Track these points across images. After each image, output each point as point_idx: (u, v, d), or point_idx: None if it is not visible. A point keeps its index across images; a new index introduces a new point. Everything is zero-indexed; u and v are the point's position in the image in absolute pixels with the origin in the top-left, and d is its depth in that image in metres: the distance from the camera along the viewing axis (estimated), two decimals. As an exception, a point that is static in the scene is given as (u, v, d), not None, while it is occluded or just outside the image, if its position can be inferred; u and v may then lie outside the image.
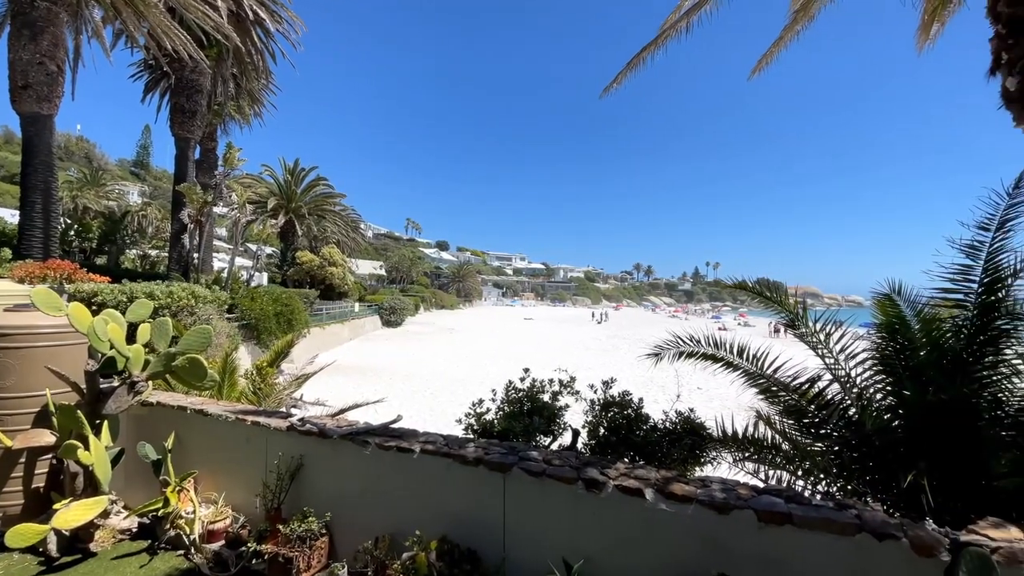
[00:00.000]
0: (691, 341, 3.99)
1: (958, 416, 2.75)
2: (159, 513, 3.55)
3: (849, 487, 3.15)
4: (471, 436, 3.63)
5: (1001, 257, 2.97)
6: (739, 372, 3.79)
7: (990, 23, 3.95)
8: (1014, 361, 2.92)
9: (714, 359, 3.88)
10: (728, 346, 3.86)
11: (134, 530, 3.72)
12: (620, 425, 3.40)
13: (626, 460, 3.22)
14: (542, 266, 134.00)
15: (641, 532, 2.36)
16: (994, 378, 2.93)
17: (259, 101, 25.33)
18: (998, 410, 2.89)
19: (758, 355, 3.74)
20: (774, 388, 3.63)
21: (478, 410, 3.76)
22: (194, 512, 3.48)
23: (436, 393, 15.54)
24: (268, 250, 42.07)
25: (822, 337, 3.53)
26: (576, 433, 3.56)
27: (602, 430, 3.48)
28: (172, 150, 19.53)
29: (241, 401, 5.35)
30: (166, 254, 22.18)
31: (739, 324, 56.32)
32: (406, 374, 18.78)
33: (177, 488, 3.59)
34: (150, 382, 3.96)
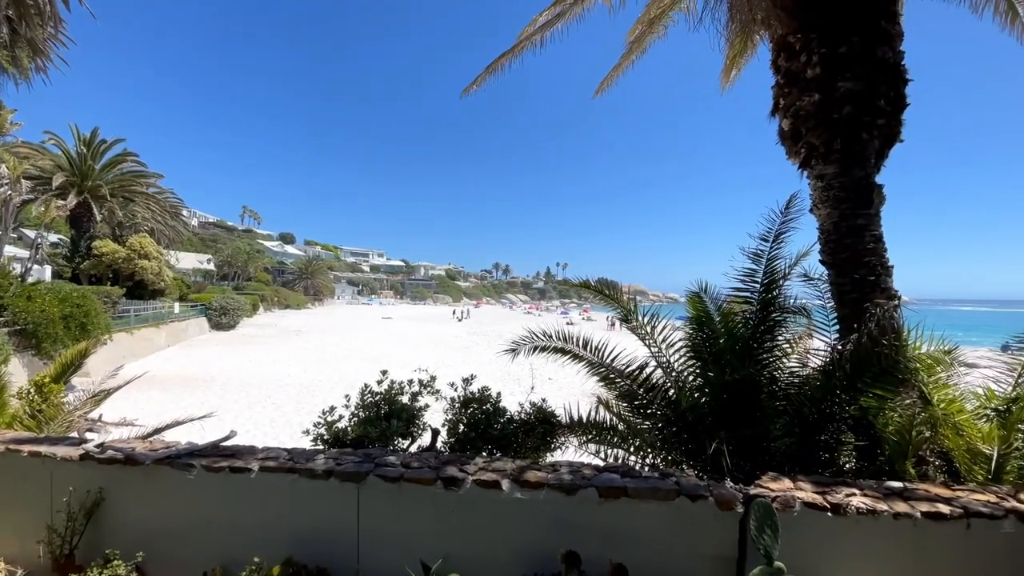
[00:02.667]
0: (543, 336, 4.25)
1: (747, 392, 3.39)
2: None
3: (670, 458, 3.66)
4: (321, 447, 3.37)
5: (776, 263, 3.75)
6: (584, 362, 4.15)
7: (772, 73, 4.95)
8: (784, 346, 3.72)
9: (563, 352, 4.19)
10: (575, 340, 4.20)
11: None
12: (479, 421, 3.48)
13: (484, 454, 3.31)
14: (401, 263, 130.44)
15: (499, 522, 2.44)
16: (771, 360, 3.69)
17: (43, 52, 20.04)
18: (774, 385, 3.64)
19: (599, 347, 4.14)
20: (612, 375, 4.06)
21: (329, 418, 3.51)
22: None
23: (279, 403, 14.09)
24: (53, 238, 33.72)
25: (649, 330, 4.05)
26: (436, 433, 3.54)
27: (462, 427, 3.52)
28: None
29: (14, 427, 4.21)
30: None
31: (583, 319, 61.84)
32: (242, 383, 16.70)
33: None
34: None
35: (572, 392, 4.50)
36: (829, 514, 2.22)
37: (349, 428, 3.44)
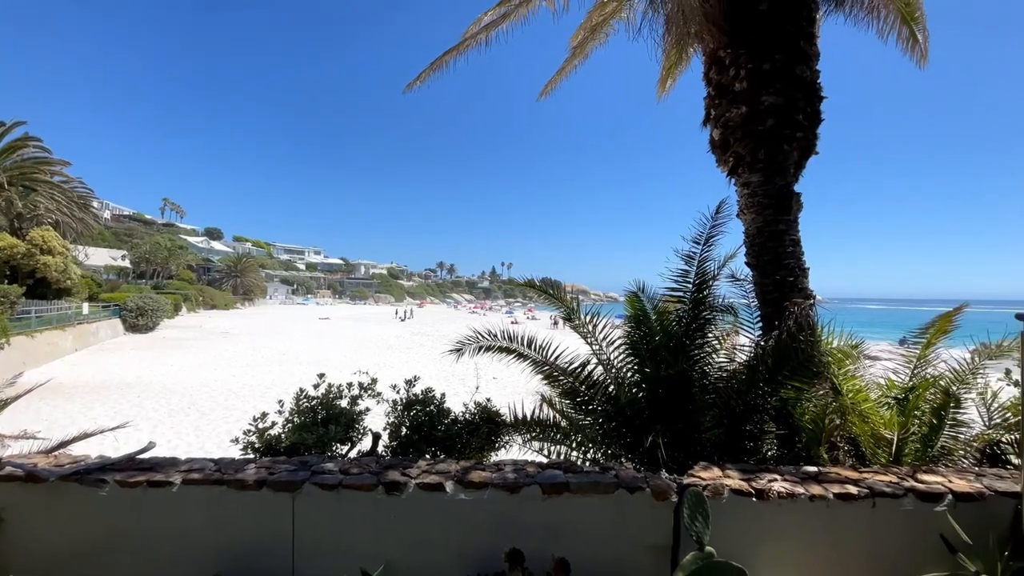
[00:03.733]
0: (488, 336, 4.25)
1: (680, 386, 3.56)
2: None
3: (610, 452, 3.78)
4: (252, 456, 3.18)
5: (707, 264, 3.97)
6: (528, 361, 4.20)
7: (705, 85, 5.24)
8: (713, 342, 3.94)
9: (508, 351, 4.22)
10: (520, 339, 4.23)
11: None
12: (423, 423, 3.42)
13: (428, 456, 3.26)
14: (340, 261, 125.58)
15: (443, 524, 2.41)
16: (702, 356, 3.90)
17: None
18: (705, 380, 3.85)
19: (543, 345, 4.20)
20: (555, 373, 4.13)
21: (260, 425, 3.32)
22: None
23: (205, 410, 13.17)
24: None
25: (590, 328, 4.16)
26: (377, 437, 3.44)
27: (404, 430, 3.45)
28: None
29: None
30: None
31: (528, 318, 62.60)
32: (162, 389, 15.46)
33: None
34: None
35: (517, 391, 4.54)
36: (754, 499, 2.38)
37: (283, 435, 3.28)
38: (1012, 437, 3.42)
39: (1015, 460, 3.30)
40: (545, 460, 3.40)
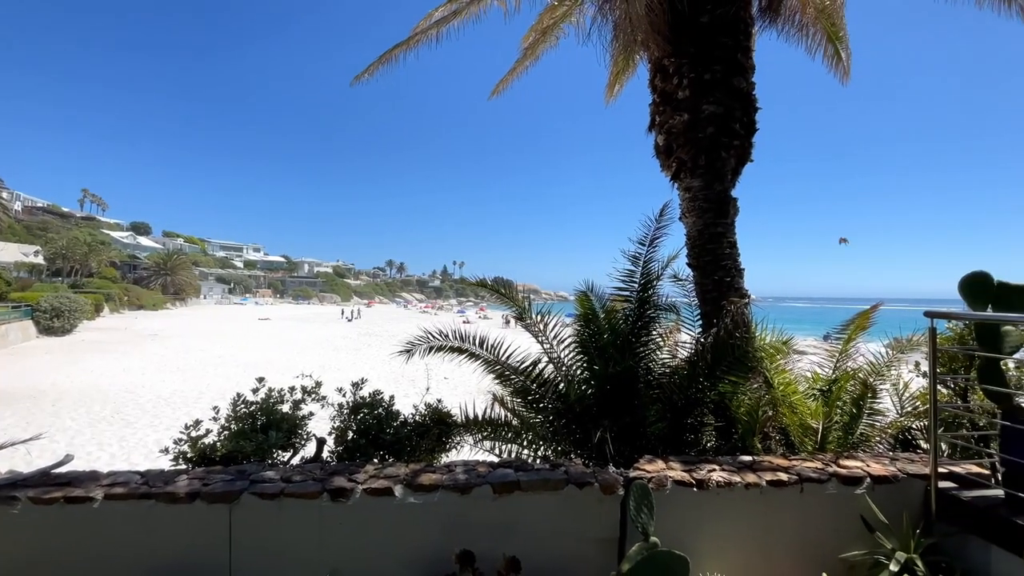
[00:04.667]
0: (440, 336, 4.21)
1: (627, 382, 3.68)
2: None
3: (560, 448, 3.85)
4: (184, 467, 2.99)
5: (652, 265, 4.12)
6: (480, 361, 4.19)
7: (650, 92, 5.42)
8: (658, 340, 4.10)
9: (460, 351, 4.19)
10: (471, 338, 4.22)
11: None
12: (371, 426, 3.33)
13: (376, 461, 3.18)
14: (282, 259, 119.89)
15: (392, 529, 2.36)
16: (647, 353, 4.05)
17: None
18: (649, 376, 3.99)
19: (495, 345, 4.21)
20: (507, 372, 4.15)
21: (193, 433, 3.12)
22: None
23: (131, 419, 12.20)
24: None
25: (542, 327, 4.21)
26: (322, 442, 3.32)
27: (351, 434, 3.34)
28: None
29: None
30: None
31: (480, 317, 62.43)
32: (81, 397, 14.19)
33: None
34: None
35: (468, 391, 4.52)
36: (695, 489, 2.49)
37: (219, 443, 3.09)
38: (922, 424, 3.78)
39: (924, 445, 3.64)
40: (497, 459, 3.40)
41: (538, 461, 3.23)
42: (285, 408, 3.36)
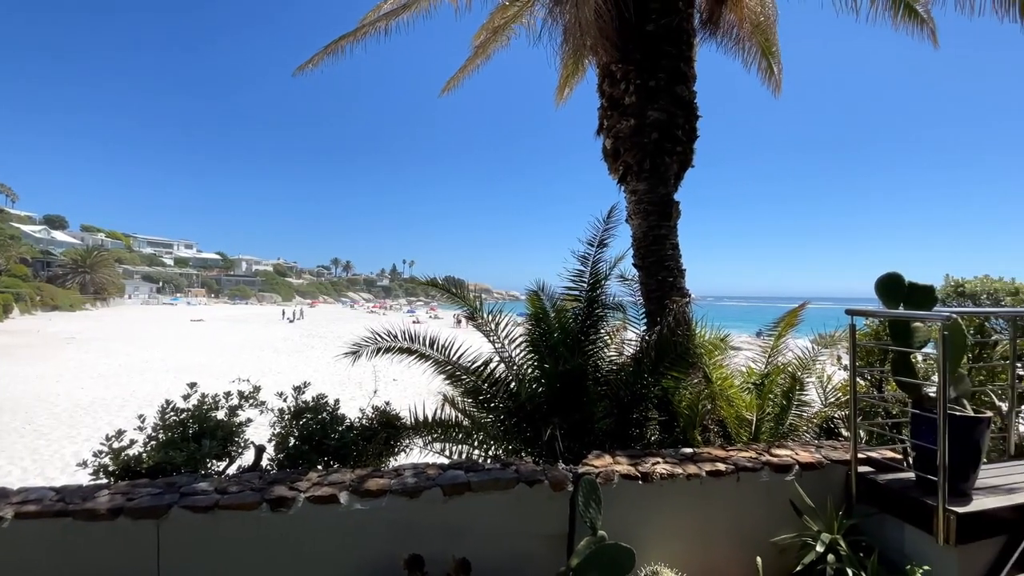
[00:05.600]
0: (388, 336, 4.11)
1: (576, 380, 3.74)
2: None
3: (511, 447, 3.86)
4: (106, 481, 2.75)
5: (600, 265, 4.22)
6: (430, 362, 4.13)
7: (598, 97, 5.54)
8: (605, 338, 4.20)
9: (409, 352, 4.12)
10: (421, 339, 4.15)
11: None
12: (314, 432, 3.19)
13: (320, 468, 3.06)
14: (218, 256, 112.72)
15: (338, 537, 2.27)
16: (596, 350, 4.14)
17: None
18: (598, 373, 4.08)
19: (446, 345, 4.17)
20: (458, 373, 4.12)
21: (116, 444, 2.87)
22: None
23: (44, 430, 11.09)
24: None
25: (493, 326, 4.21)
26: (261, 450, 3.15)
27: (293, 440, 3.19)
28: None
29: None
30: None
31: (431, 317, 61.61)
32: (-18, 408, 12.75)
33: None
34: None
35: (418, 392, 4.44)
36: (640, 482, 2.58)
37: (145, 455, 2.86)
38: (843, 413, 4.09)
39: (845, 433, 3.94)
40: (447, 461, 3.37)
41: (489, 461, 3.22)
42: (220, 415, 3.17)
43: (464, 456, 3.91)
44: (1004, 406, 3.28)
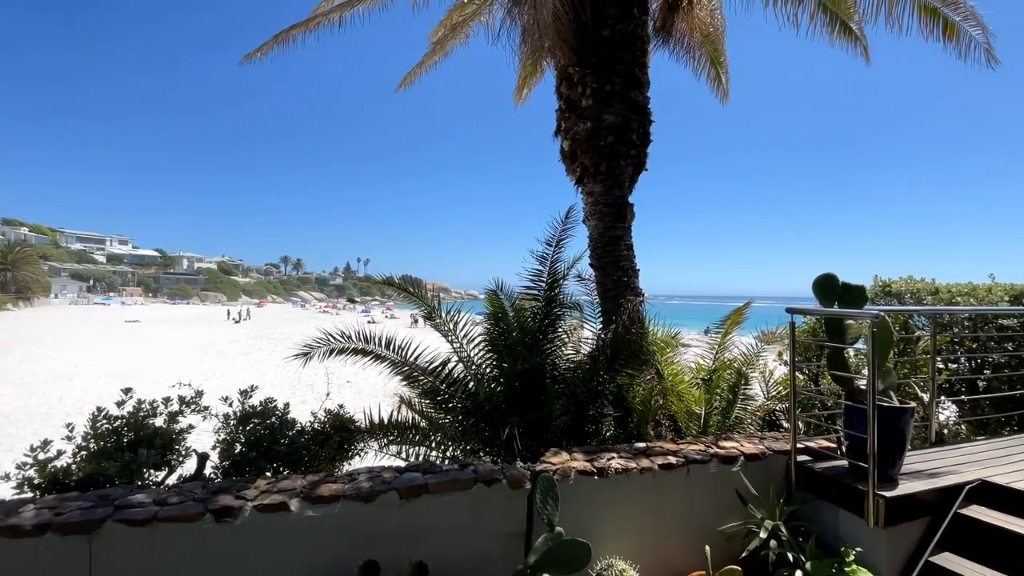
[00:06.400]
0: (342, 337, 4.00)
1: (535, 378, 3.77)
2: None
3: (469, 448, 3.85)
4: (31, 495, 2.53)
5: (558, 265, 4.27)
6: (386, 363, 4.05)
7: (556, 99, 5.60)
8: (563, 336, 4.27)
9: (364, 353, 4.02)
10: (377, 339, 4.06)
11: None
12: (262, 437, 3.06)
13: (268, 475, 2.94)
14: (156, 253, 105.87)
15: (288, 547, 2.19)
16: (553, 349, 4.19)
17: None
18: (555, 371, 4.13)
19: (402, 345, 4.10)
20: (415, 374, 4.06)
21: (42, 456, 2.65)
22: None
23: (-46, 442, 10.09)
24: None
25: (451, 326, 4.18)
26: (204, 457, 2.99)
27: (239, 447, 3.05)
28: None
29: None
30: None
31: (387, 317, 60.37)
32: None
33: None
34: None
35: (374, 394, 4.35)
36: (596, 477, 2.63)
37: (75, 466, 2.66)
38: (784, 406, 4.33)
39: (786, 424, 4.18)
40: (404, 464, 3.31)
41: (447, 462, 3.19)
42: (158, 422, 2.98)
43: (422, 458, 3.86)
44: (926, 397, 3.58)
